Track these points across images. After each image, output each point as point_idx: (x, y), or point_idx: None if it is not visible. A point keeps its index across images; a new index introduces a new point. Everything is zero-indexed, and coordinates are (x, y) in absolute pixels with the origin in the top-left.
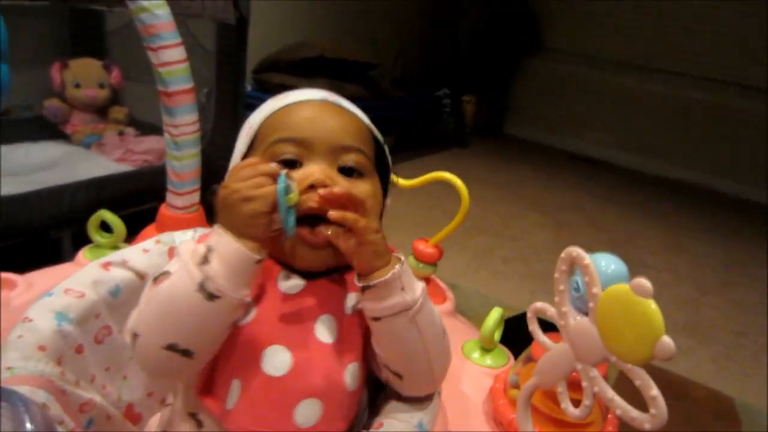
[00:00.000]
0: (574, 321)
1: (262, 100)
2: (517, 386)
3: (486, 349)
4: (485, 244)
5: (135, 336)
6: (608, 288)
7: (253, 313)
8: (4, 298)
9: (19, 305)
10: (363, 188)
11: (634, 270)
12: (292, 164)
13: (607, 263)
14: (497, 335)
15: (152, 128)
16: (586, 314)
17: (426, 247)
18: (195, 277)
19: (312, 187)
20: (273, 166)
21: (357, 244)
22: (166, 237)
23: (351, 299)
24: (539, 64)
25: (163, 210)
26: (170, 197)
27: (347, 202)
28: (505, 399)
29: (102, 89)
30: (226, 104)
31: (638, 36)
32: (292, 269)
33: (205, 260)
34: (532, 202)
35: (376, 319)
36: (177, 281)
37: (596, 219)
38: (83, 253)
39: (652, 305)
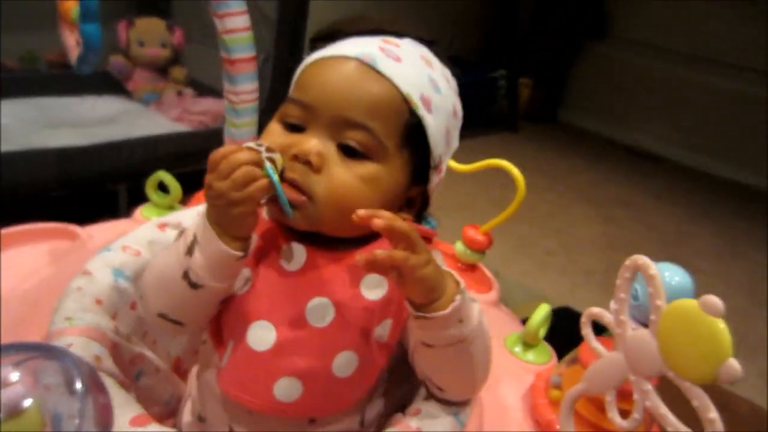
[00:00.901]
0: (632, 331)
1: None
2: (559, 387)
3: (529, 345)
4: (529, 233)
5: (140, 297)
6: (674, 302)
7: (249, 284)
8: (66, 249)
9: (80, 256)
10: (363, 171)
11: None
12: (296, 129)
13: (671, 274)
14: (542, 332)
15: (210, 90)
16: (643, 324)
17: (476, 234)
18: (181, 264)
19: (296, 157)
20: (248, 151)
21: (407, 282)
22: None
23: (368, 282)
24: (602, 51)
25: None
26: None
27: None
28: (546, 399)
29: (164, 49)
30: (282, 72)
31: (712, 29)
32: (298, 233)
33: (189, 251)
34: (581, 193)
35: (427, 345)
36: (168, 262)
37: (648, 217)
38: (140, 211)
39: (721, 325)
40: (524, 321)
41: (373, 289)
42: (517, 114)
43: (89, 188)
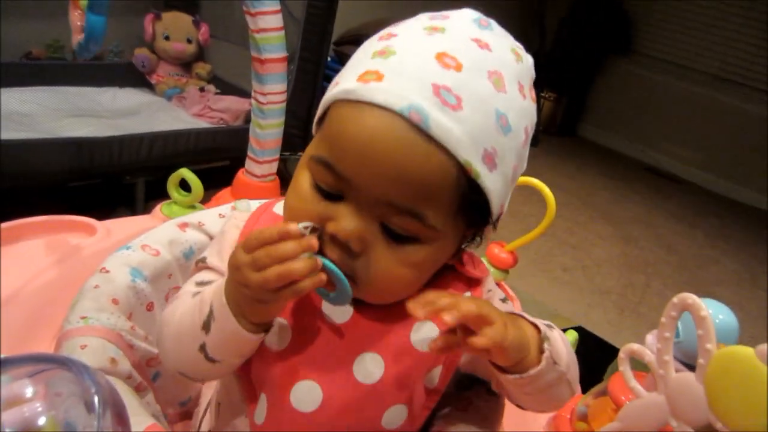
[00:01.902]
0: (676, 374)
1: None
2: (585, 419)
3: None
4: (546, 249)
5: (158, 349)
6: (726, 348)
7: (289, 338)
8: (83, 243)
9: (97, 252)
10: (412, 257)
11: None
12: (331, 197)
13: (714, 312)
14: None
15: (232, 88)
16: (684, 364)
17: (501, 252)
18: (197, 337)
19: (333, 237)
20: (294, 244)
21: (493, 356)
22: (242, 204)
23: (419, 331)
24: (626, 67)
25: (240, 176)
26: (249, 164)
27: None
28: (571, 430)
29: (189, 44)
30: (307, 73)
31: (740, 51)
32: None
33: (206, 326)
34: (599, 211)
35: (524, 391)
36: (184, 329)
37: (668, 239)
38: (160, 208)
39: None
40: None
41: (425, 340)
42: (538, 127)
43: (107, 180)
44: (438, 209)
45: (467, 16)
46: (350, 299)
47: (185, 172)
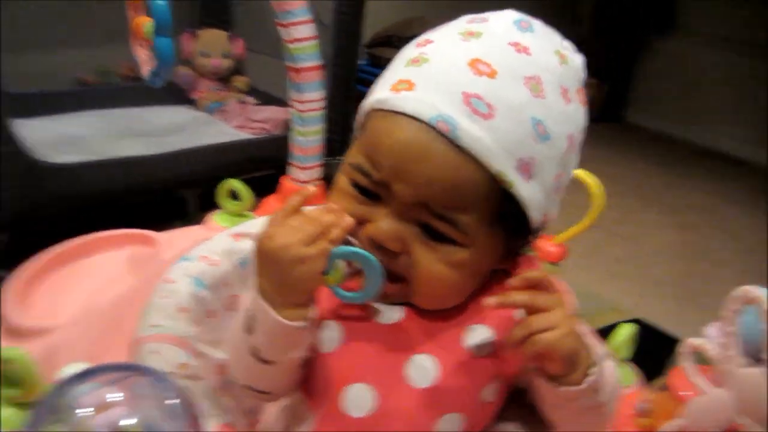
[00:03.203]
0: (744, 370)
1: (374, 75)
2: (646, 415)
3: None
4: (597, 240)
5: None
6: None
7: (338, 341)
8: (143, 254)
9: (159, 262)
10: (450, 257)
11: None
12: (369, 200)
13: None
14: (626, 353)
15: (270, 98)
16: (753, 359)
17: (549, 245)
18: (246, 342)
19: (371, 239)
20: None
21: (547, 357)
22: None
23: (473, 335)
24: (671, 46)
25: (285, 183)
26: (293, 171)
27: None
28: (632, 427)
29: (226, 59)
30: (340, 78)
31: None
32: None
33: (249, 329)
34: (653, 199)
35: (556, 405)
36: (236, 339)
37: (730, 225)
38: (213, 218)
39: None
40: (600, 333)
41: (480, 344)
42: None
43: (159, 195)
44: (471, 216)
45: (507, 18)
46: (380, 288)
47: (234, 183)
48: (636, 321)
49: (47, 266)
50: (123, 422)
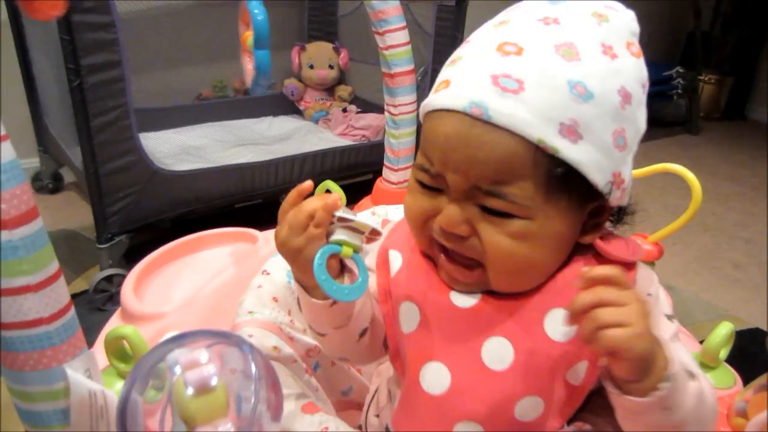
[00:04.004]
0: None
1: None
2: (743, 415)
3: (708, 366)
4: (712, 244)
5: None
6: None
7: (416, 322)
8: (244, 250)
9: (259, 257)
10: (513, 229)
11: None
12: (434, 193)
13: None
14: (723, 353)
15: (372, 106)
16: None
17: (644, 244)
18: (303, 317)
19: (442, 229)
20: (318, 199)
21: (615, 358)
22: (381, 210)
23: (553, 319)
24: None
25: (379, 184)
26: (386, 172)
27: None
28: (728, 426)
29: (331, 69)
30: None
31: None
32: None
33: (299, 306)
34: None
35: (622, 415)
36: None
37: None
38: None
39: None
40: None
41: (559, 328)
42: (697, 114)
43: (266, 199)
44: (522, 188)
45: None
46: (366, 285)
47: (329, 183)
48: (755, 330)
49: (161, 260)
50: (208, 381)
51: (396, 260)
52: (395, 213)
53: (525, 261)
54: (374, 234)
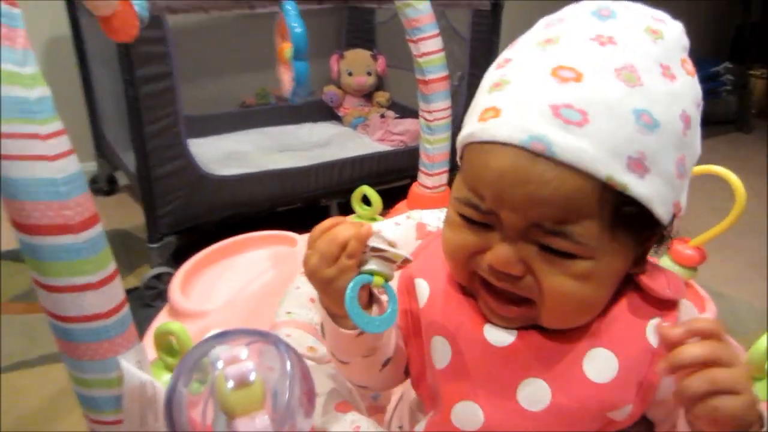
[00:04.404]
0: None
1: None
2: None
3: (754, 378)
4: (766, 249)
5: None
6: None
7: (448, 358)
8: (284, 252)
9: (298, 259)
10: (576, 270)
11: None
12: (483, 227)
13: None
14: None
15: (409, 111)
16: None
17: (685, 248)
18: (325, 343)
19: (493, 268)
20: (352, 226)
21: (711, 420)
22: (415, 214)
23: (593, 360)
24: None
25: (414, 188)
26: (421, 177)
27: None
28: None
29: (369, 76)
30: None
31: None
32: None
33: (323, 333)
34: None
35: None
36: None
37: None
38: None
39: None
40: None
41: (600, 369)
42: (748, 111)
43: (306, 203)
44: (587, 226)
45: (584, 10)
46: (395, 315)
47: (366, 189)
48: None
49: (206, 261)
50: (247, 376)
51: (424, 290)
52: (429, 217)
53: (585, 300)
54: (406, 263)
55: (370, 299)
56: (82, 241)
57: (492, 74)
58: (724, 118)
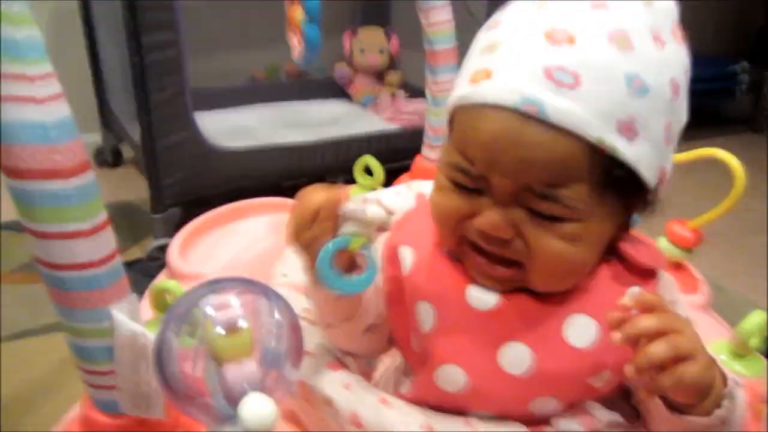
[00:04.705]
0: None
1: None
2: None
3: (737, 354)
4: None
5: None
6: None
7: (432, 323)
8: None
9: None
10: (564, 231)
11: None
12: (472, 192)
13: None
14: (754, 341)
15: (421, 92)
16: None
17: (683, 230)
18: (313, 306)
19: (483, 233)
20: (326, 192)
21: (671, 387)
22: (416, 184)
23: (573, 326)
24: None
25: (418, 160)
26: (425, 150)
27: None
28: (750, 412)
29: (381, 55)
30: None
31: None
32: None
33: (309, 298)
34: None
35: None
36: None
37: None
38: (349, 191)
39: None
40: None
41: (581, 335)
42: (763, 112)
43: (312, 179)
44: (576, 189)
45: None
46: (371, 279)
47: (369, 159)
48: None
49: (205, 226)
50: (236, 322)
51: (408, 257)
52: (429, 187)
53: (574, 263)
54: (384, 227)
55: (353, 264)
56: (72, 187)
57: (483, 36)
58: (738, 117)
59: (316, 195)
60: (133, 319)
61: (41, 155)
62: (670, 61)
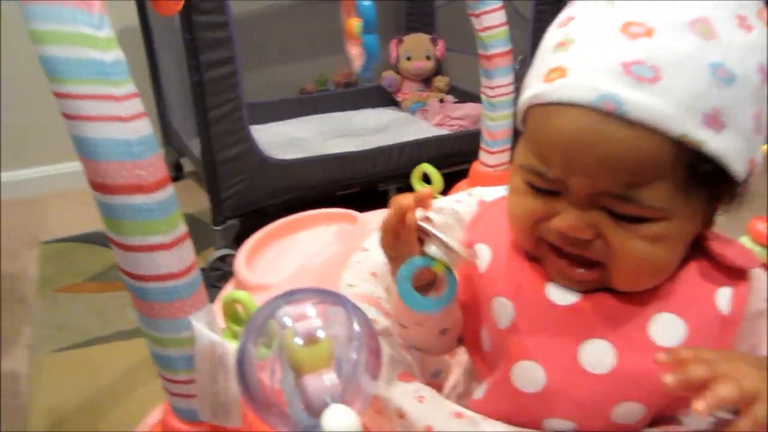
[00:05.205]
0: None
1: None
2: None
3: None
4: None
5: None
6: None
7: (510, 318)
8: (346, 229)
9: (358, 236)
10: (648, 233)
11: None
12: (549, 194)
13: None
14: None
15: (469, 95)
16: None
17: (765, 227)
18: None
19: (563, 235)
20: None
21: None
22: (477, 191)
23: (659, 324)
24: None
25: (475, 166)
26: (482, 155)
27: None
28: None
29: (428, 60)
30: None
31: None
32: None
33: (389, 294)
34: None
35: None
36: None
37: None
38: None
39: None
40: None
41: (667, 334)
42: None
43: (365, 187)
44: (659, 189)
45: None
46: (447, 301)
47: (426, 167)
48: None
49: (270, 237)
50: (315, 332)
51: (485, 254)
52: (492, 194)
53: (658, 264)
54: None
55: (433, 281)
56: (154, 202)
57: (555, 33)
58: None
59: (401, 198)
60: (212, 329)
61: (126, 171)
62: (756, 45)
